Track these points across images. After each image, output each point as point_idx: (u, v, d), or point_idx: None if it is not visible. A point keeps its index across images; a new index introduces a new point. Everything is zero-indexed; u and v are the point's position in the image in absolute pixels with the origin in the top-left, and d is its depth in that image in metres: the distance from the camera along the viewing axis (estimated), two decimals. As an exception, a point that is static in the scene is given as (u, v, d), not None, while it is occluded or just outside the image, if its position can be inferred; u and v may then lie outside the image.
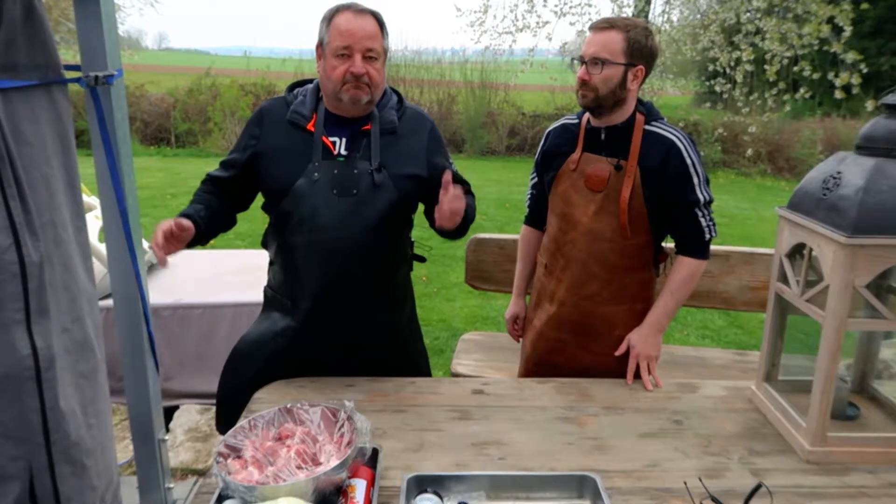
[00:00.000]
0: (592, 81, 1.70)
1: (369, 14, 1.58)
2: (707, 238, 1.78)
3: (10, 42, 0.95)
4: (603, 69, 1.69)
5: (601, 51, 1.69)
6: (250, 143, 1.68)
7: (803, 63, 7.88)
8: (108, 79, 1.18)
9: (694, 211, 1.75)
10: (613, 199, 1.75)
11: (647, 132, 1.75)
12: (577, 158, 1.82)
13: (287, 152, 1.63)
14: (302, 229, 1.60)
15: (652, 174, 1.72)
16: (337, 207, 1.59)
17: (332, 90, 1.59)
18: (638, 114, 1.76)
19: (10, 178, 0.93)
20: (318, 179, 1.59)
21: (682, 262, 1.80)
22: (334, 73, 1.56)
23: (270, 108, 1.71)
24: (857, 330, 1.51)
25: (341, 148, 1.63)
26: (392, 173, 1.63)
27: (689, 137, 1.76)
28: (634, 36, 1.69)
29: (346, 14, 1.56)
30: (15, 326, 0.95)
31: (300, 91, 1.72)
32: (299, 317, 1.68)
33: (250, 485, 1.11)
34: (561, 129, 1.92)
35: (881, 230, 1.27)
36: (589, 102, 1.74)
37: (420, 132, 1.73)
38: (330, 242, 1.59)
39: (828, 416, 1.39)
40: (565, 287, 1.85)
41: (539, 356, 1.96)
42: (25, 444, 0.98)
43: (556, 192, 1.87)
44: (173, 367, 2.76)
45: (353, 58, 1.55)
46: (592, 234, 1.78)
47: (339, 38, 1.54)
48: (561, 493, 1.25)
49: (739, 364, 2.64)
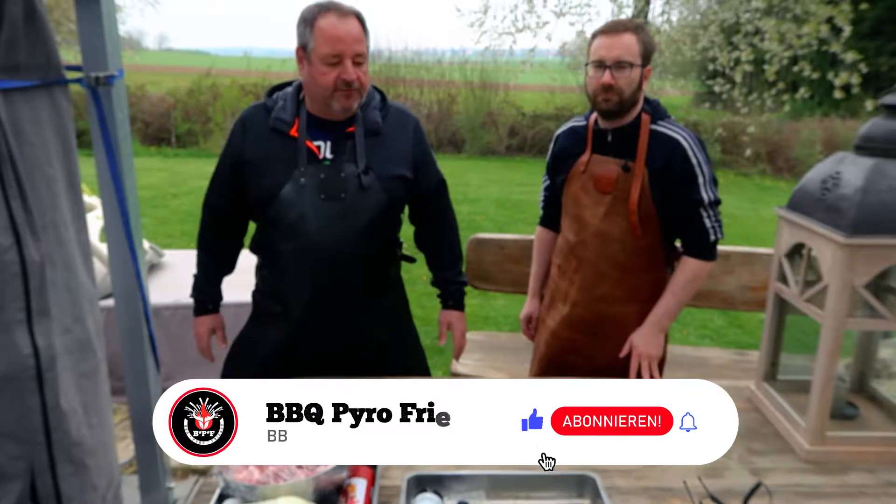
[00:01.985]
0: (618, 84, 1.69)
1: (353, 15, 1.54)
2: (713, 239, 1.76)
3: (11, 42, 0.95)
4: (628, 72, 1.69)
5: (625, 54, 1.68)
6: (235, 156, 1.65)
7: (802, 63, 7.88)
8: (109, 79, 1.19)
9: (698, 211, 1.74)
10: (623, 200, 1.75)
11: (653, 132, 1.75)
12: (586, 160, 1.82)
13: (271, 160, 1.60)
14: (290, 235, 1.59)
15: (658, 174, 1.73)
16: (325, 212, 1.57)
17: (322, 97, 1.56)
18: (644, 114, 1.77)
19: (12, 179, 0.93)
20: (304, 185, 1.57)
21: (687, 262, 1.80)
22: (324, 79, 1.52)
23: (251, 115, 1.67)
24: (856, 329, 1.51)
25: (326, 152, 1.61)
26: (379, 175, 1.61)
27: (695, 136, 1.76)
28: (645, 37, 1.71)
29: (331, 17, 1.51)
30: (16, 326, 0.95)
31: (279, 96, 1.67)
32: (291, 322, 1.67)
33: (250, 484, 1.11)
34: (570, 131, 1.93)
35: (880, 230, 1.27)
36: (613, 106, 1.72)
37: (405, 131, 1.70)
38: (319, 247, 1.58)
39: (827, 416, 1.39)
40: (577, 288, 1.86)
41: (553, 356, 1.96)
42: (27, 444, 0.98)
43: (568, 195, 1.88)
44: (174, 367, 2.76)
45: (344, 64, 1.51)
46: (603, 235, 1.79)
47: (328, 44, 1.50)
48: (561, 492, 1.26)
49: (739, 364, 2.64)
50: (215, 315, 1.86)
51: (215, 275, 1.84)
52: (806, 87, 7.93)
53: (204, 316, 1.85)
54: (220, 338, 1.87)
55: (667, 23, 10.56)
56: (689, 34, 10.08)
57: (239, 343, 1.82)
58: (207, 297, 1.84)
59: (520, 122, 12.05)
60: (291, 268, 1.63)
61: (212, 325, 1.85)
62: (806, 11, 7.79)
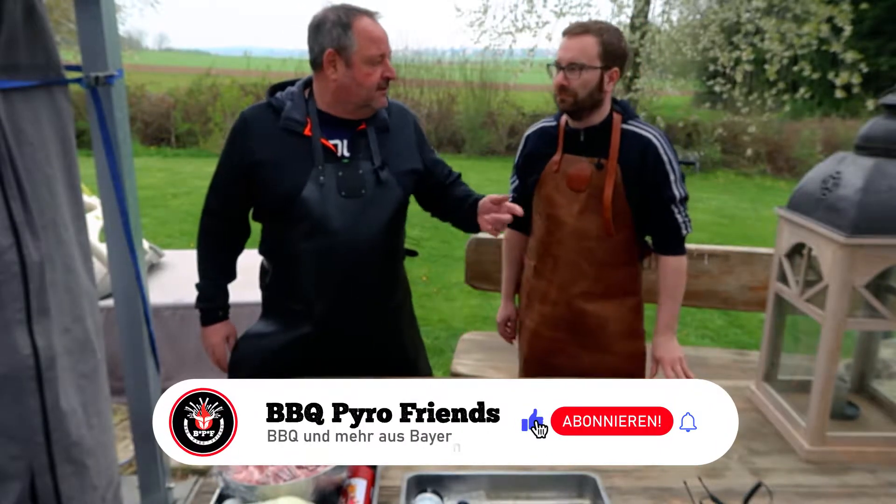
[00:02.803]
0: (571, 86, 1.73)
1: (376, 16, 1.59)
2: (684, 234, 1.82)
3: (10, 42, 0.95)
4: (581, 74, 1.71)
5: (578, 56, 1.71)
6: (244, 159, 1.61)
7: (803, 63, 7.88)
8: (109, 79, 1.18)
9: (671, 207, 1.79)
10: (597, 198, 1.78)
11: (624, 131, 1.78)
12: (558, 160, 1.84)
13: (286, 159, 1.58)
14: (314, 235, 1.58)
15: (631, 171, 1.76)
16: (346, 210, 1.58)
17: (366, 97, 1.58)
18: (615, 113, 1.79)
19: (11, 179, 0.93)
20: (324, 183, 1.57)
21: (667, 262, 1.84)
22: (369, 80, 1.55)
23: (255, 116, 1.63)
24: (857, 329, 1.51)
25: (344, 150, 1.62)
26: (394, 170, 1.64)
27: (664, 135, 1.81)
28: (608, 39, 1.72)
29: (366, 19, 1.55)
30: (16, 326, 0.95)
31: (284, 95, 1.65)
32: (314, 320, 1.66)
33: (250, 484, 1.11)
34: (540, 132, 1.94)
35: (880, 230, 1.27)
36: (568, 107, 1.76)
37: (406, 126, 1.74)
38: (343, 245, 1.59)
39: (827, 416, 1.39)
40: (556, 287, 1.88)
41: (538, 357, 1.97)
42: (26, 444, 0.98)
43: (541, 195, 1.89)
44: (174, 367, 2.75)
45: (385, 63, 1.56)
46: (579, 232, 1.81)
47: (374, 45, 1.54)
48: (561, 492, 1.26)
49: (739, 364, 2.65)
50: (226, 322, 1.82)
51: (222, 281, 1.81)
52: (806, 86, 7.95)
53: (215, 325, 1.80)
54: (231, 346, 1.83)
55: (667, 22, 10.57)
56: (689, 34, 10.08)
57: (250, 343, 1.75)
58: (217, 304, 1.80)
59: (520, 121, 12.05)
60: (314, 266, 1.62)
61: (225, 332, 1.81)
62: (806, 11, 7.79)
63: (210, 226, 1.77)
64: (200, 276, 1.79)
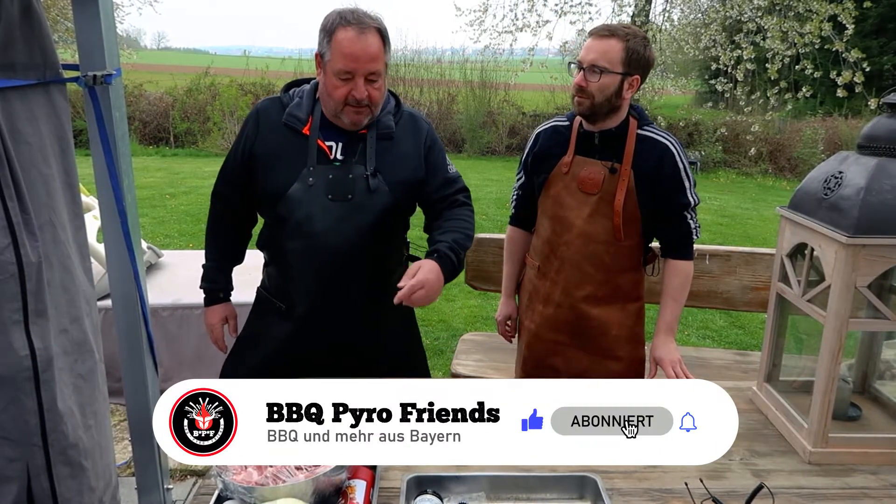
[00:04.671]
0: (589, 88, 1.71)
1: (373, 29, 1.50)
2: (694, 239, 1.83)
3: (7, 41, 0.94)
4: (601, 77, 1.69)
5: (600, 59, 1.69)
6: (247, 149, 1.65)
7: (805, 62, 7.87)
8: (107, 78, 1.18)
9: (684, 214, 1.79)
10: (607, 202, 1.76)
11: (640, 136, 1.77)
12: (569, 161, 1.82)
13: (282, 156, 1.60)
14: (296, 234, 1.59)
15: (646, 178, 1.75)
16: (331, 212, 1.57)
17: (333, 109, 1.56)
18: (631, 118, 1.78)
19: (9, 178, 0.93)
20: (312, 184, 1.57)
21: (675, 266, 1.84)
22: (335, 93, 1.52)
23: (266, 108, 1.67)
24: (859, 330, 1.50)
25: (337, 153, 1.61)
26: (388, 178, 1.61)
27: (679, 143, 1.80)
28: (634, 46, 1.69)
29: (350, 32, 1.48)
30: (13, 327, 0.94)
31: (296, 92, 1.68)
32: (295, 321, 1.67)
33: (249, 486, 1.11)
34: (551, 130, 1.92)
35: (883, 230, 1.27)
36: (584, 109, 1.74)
37: (417, 136, 1.69)
38: (324, 247, 1.58)
39: (829, 417, 1.38)
40: (560, 289, 1.86)
41: (536, 358, 1.96)
42: (23, 446, 0.97)
43: (548, 195, 1.87)
44: (172, 368, 2.75)
45: (355, 82, 1.50)
46: (587, 236, 1.80)
47: (342, 60, 1.48)
48: (561, 493, 1.25)
49: (740, 364, 2.64)
50: (227, 304, 1.86)
51: (225, 264, 1.84)
52: (808, 85, 7.92)
53: (215, 306, 1.85)
54: (231, 327, 1.86)
55: (668, 21, 10.54)
56: (690, 33, 10.08)
57: (241, 338, 1.82)
58: (218, 286, 1.84)
59: (520, 121, 12.05)
60: (297, 266, 1.63)
61: (224, 314, 1.85)
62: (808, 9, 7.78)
63: (216, 208, 1.80)
64: (206, 257, 1.84)
